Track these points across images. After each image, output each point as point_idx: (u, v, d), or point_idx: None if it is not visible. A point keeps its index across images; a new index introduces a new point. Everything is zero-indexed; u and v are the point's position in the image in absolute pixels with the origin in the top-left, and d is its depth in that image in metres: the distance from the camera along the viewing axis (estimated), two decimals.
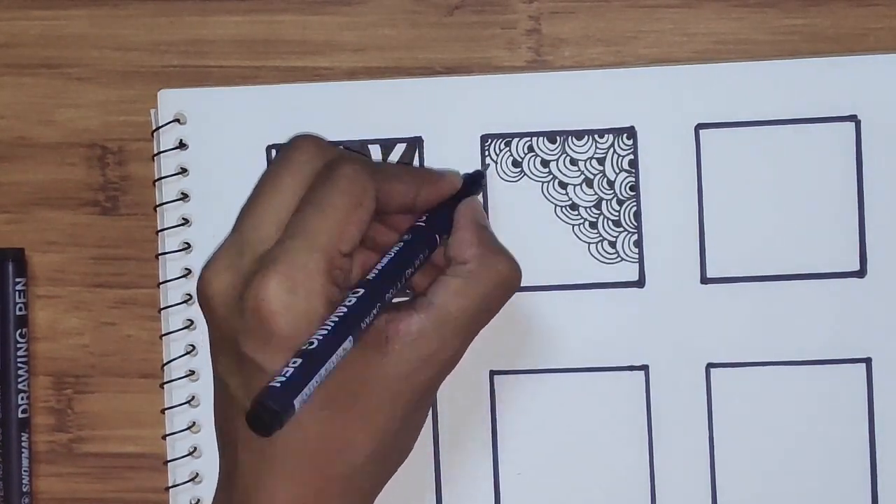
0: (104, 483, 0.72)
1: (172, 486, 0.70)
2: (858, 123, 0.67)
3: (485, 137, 0.69)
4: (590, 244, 0.69)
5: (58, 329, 0.72)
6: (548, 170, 0.69)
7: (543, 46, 0.69)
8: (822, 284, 0.68)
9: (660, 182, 0.68)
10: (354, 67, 0.70)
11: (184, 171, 0.70)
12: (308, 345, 0.56)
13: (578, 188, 0.69)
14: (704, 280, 0.68)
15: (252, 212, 0.61)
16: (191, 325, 0.70)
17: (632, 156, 0.68)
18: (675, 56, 0.69)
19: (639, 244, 0.68)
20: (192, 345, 0.70)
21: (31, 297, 0.71)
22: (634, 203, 0.68)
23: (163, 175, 0.70)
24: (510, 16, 0.69)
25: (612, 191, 0.68)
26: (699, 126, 0.68)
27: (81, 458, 0.72)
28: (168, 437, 0.70)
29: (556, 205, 0.68)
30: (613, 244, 0.68)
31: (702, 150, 0.68)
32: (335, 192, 0.60)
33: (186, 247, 0.70)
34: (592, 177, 0.68)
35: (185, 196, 0.70)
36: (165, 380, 0.70)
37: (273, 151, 0.70)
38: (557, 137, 0.68)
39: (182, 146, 0.70)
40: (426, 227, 0.63)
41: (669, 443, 0.68)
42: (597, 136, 0.68)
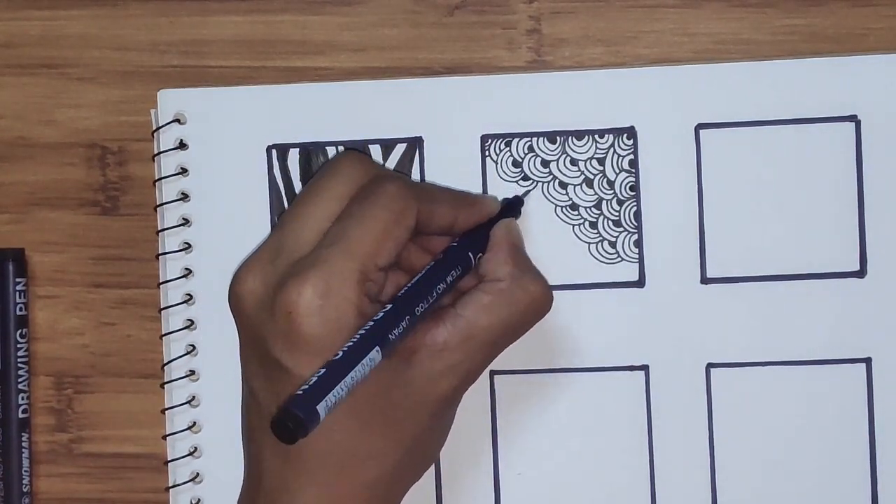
0: (104, 483, 0.72)
1: (172, 486, 0.70)
2: (858, 123, 0.67)
3: (485, 137, 0.69)
4: (590, 244, 0.69)
5: (58, 329, 0.72)
6: (548, 170, 0.69)
7: (543, 46, 0.69)
8: (822, 284, 0.68)
9: (660, 182, 0.68)
10: (354, 67, 0.70)
11: (184, 171, 0.70)
12: (336, 355, 0.56)
13: (578, 188, 0.69)
14: (704, 280, 0.68)
15: (292, 218, 0.62)
16: (191, 325, 0.70)
17: (632, 156, 0.68)
18: (675, 56, 0.69)
19: (639, 244, 0.68)
20: (193, 345, 0.70)
21: (32, 297, 0.71)
22: (634, 203, 0.68)
23: (163, 175, 0.70)
24: (510, 16, 0.69)
25: (613, 191, 0.68)
26: (699, 126, 0.68)
27: (81, 458, 0.72)
28: (168, 437, 0.70)
29: (556, 205, 0.69)
30: (613, 244, 0.68)
31: (702, 150, 0.68)
32: (377, 207, 0.60)
33: (186, 247, 0.70)
34: (592, 177, 0.69)
35: (185, 196, 0.70)
36: (165, 380, 0.70)
37: (273, 151, 0.70)
38: (557, 137, 0.68)
39: (182, 146, 0.70)
40: (462, 247, 0.63)
41: (669, 443, 0.68)
42: (597, 137, 0.68)
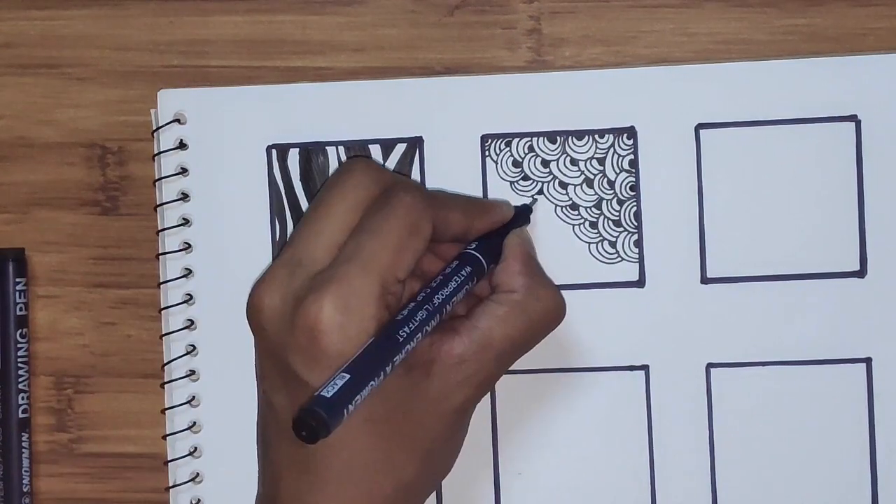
0: (104, 483, 0.72)
1: (172, 486, 0.70)
2: (858, 123, 0.67)
3: (485, 137, 0.69)
4: (590, 244, 0.69)
5: (58, 329, 0.72)
6: (548, 170, 0.69)
7: (543, 46, 0.69)
8: (822, 284, 0.68)
9: (660, 182, 0.68)
10: (354, 67, 0.70)
11: (184, 171, 0.70)
12: (356, 358, 0.57)
13: (579, 188, 0.69)
14: (704, 280, 0.68)
15: (306, 232, 0.62)
16: (191, 326, 0.70)
17: (632, 156, 0.68)
18: (675, 56, 0.69)
19: (639, 244, 0.68)
20: (193, 345, 0.70)
21: (32, 297, 0.71)
22: (634, 203, 0.68)
23: (163, 175, 0.70)
24: (510, 16, 0.69)
25: (613, 191, 0.68)
26: (699, 126, 0.68)
27: (81, 458, 0.72)
28: (168, 437, 0.70)
29: (557, 205, 0.69)
30: (613, 244, 0.68)
31: (702, 150, 0.68)
32: (392, 219, 0.60)
33: (186, 247, 0.70)
34: (593, 177, 0.69)
35: (185, 196, 0.70)
36: (165, 380, 0.70)
37: (273, 151, 0.70)
38: (558, 137, 0.68)
39: (182, 146, 0.70)
40: (475, 255, 0.63)
41: (669, 443, 0.68)
42: (597, 136, 0.68)
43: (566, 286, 0.67)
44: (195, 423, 0.70)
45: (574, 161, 0.68)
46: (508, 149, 0.69)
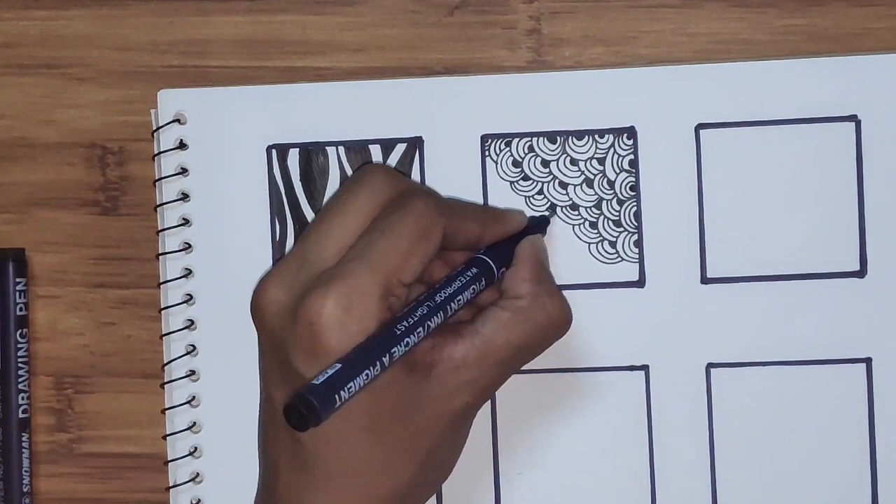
0: (104, 483, 0.72)
1: (172, 487, 0.70)
2: (858, 123, 0.67)
3: (485, 137, 0.69)
4: (590, 244, 0.69)
5: (58, 329, 0.72)
6: (548, 170, 0.69)
7: (543, 46, 0.69)
8: (822, 284, 0.68)
9: (660, 182, 0.68)
10: (354, 67, 0.70)
11: (184, 171, 0.70)
12: (353, 350, 0.57)
13: (579, 188, 0.69)
14: (704, 280, 0.68)
15: (317, 231, 0.62)
16: (191, 326, 0.70)
17: (632, 156, 0.68)
18: (675, 56, 0.69)
19: (639, 244, 0.68)
20: (193, 345, 0.70)
21: (32, 297, 0.71)
22: (634, 203, 0.68)
23: (163, 175, 0.70)
24: (510, 16, 0.69)
25: (613, 191, 0.68)
26: (699, 126, 0.68)
27: (81, 458, 0.72)
28: (168, 437, 0.70)
29: (557, 205, 0.68)
30: (613, 244, 0.68)
31: (702, 150, 0.68)
32: (403, 222, 0.60)
33: (186, 247, 0.70)
34: (593, 177, 0.69)
35: (185, 196, 0.70)
36: (165, 380, 0.70)
37: (273, 151, 0.70)
38: (558, 137, 0.68)
39: (182, 146, 0.70)
40: (485, 260, 0.63)
41: (669, 443, 0.68)
42: (597, 136, 0.68)
43: (566, 286, 0.68)
44: (195, 423, 0.70)
45: (574, 161, 0.68)
46: (508, 149, 0.69)
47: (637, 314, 0.68)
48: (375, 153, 0.69)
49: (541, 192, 0.69)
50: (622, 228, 0.68)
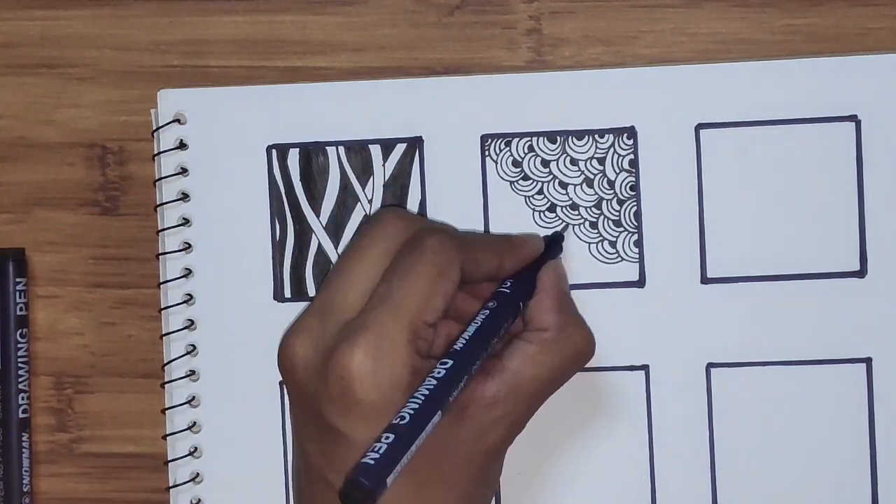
0: (104, 483, 0.72)
1: (172, 487, 0.70)
2: (858, 123, 0.67)
3: (485, 137, 0.69)
4: (590, 244, 0.69)
5: (58, 329, 0.72)
6: (548, 170, 0.69)
7: (543, 46, 0.69)
8: (822, 284, 0.68)
9: (660, 182, 0.68)
10: (354, 67, 0.70)
11: (184, 171, 0.70)
12: (400, 419, 0.56)
13: (579, 188, 0.69)
14: (704, 280, 0.68)
15: (337, 280, 0.61)
16: (191, 326, 0.70)
17: (632, 156, 0.68)
18: (675, 56, 0.69)
19: (639, 244, 0.68)
20: (192, 345, 0.70)
21: (32, 297, 0.71)
22: (635, 203, 0.68)
23: (163, 175, 0.70)
24: (510, 16, 0.69)
25: (613, 191, 0.68)
26: (699, 126, 0.68)
27: (81, 458, 0.72)
28: (168, 437, 0.70)
29: (557, 205, 0.68)
30: (613, 244, 0.68)
31: (702, 150, 0.68)
32: (421, 263, 0.60)
33: (186, 247, 0.70)
34: (593, 177, 0.69)
35: (185, 196, 0.70)
36: (165, 380, 0.70)
37: (273, 151, 0.70)
38: (558, 137, 0.68)
39: (182, 146, 0.70)
40: (510, 294, 0.63)
41: (669, 443, 0.68)
42: (597, 136, 0.68)
43: None
44: (195, 423, 0.70)
45: (574, 161, 0.68)
46: (508, 149, 0.69)
47: (637, 314, 0.68)
48: (375, 153, 0.69)
49: (541, 192, 0.69)
50: (622, 228, 0.68)
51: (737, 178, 0.68)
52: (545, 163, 0.69)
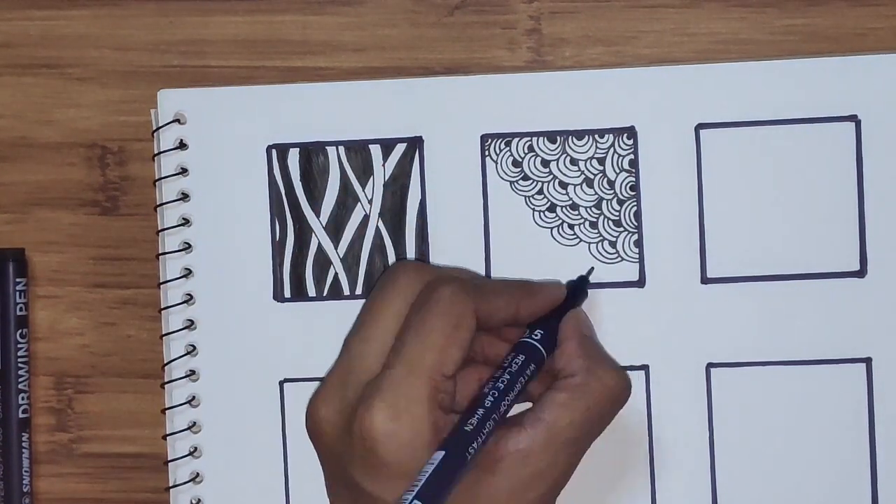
0: (104, 483, 0.72)
1: (172, 487, 0.70)
2: (858, 123, 0.67)
3: (485, 137, 0.69)
4: (590, 244, 0.69)
5: (58, 329, 0.72)
6: (548, 170, 0.69)
7: (543, 46, 0.69)
8: (822, 284, 0.68)
9: (660, 182, 0.68)
10: (354, 67, 0.70)
11: (184, 171, 0.70)
12: (422, 476, 0.57)
13: (579, 188, 0.69)
14: (704, 280, 0.68)
15: (356, 341, 0.62)
16: (191, 326, 0.70)
17: (632, 156, 0.68)
18: (675, 56, 0.69)
19: (639, 244, 0.68)
20: (192, 345, 0.70)
21: (32, 297, 0.71)
22: (635, 203, 0.68)
23: (163, 175, 0.70)
24: (510, 16, 0.69)
25: (613, 191, 0.68)
26: (699, 126, 0.68)
27: (81, 458, 0.72)
28: (168, 437, 0.70)
29: (557, 204, 0.68)
30: (614, 244, 0.68)
31: (702, 150, 0.68)
32: (433, 316, 0.60)
33: (186, 247, 0.70)
34: (593, 177, 0.69)
35: (185, 196, 0.70)
36: (165, 380, 0.70)
37: (273, 151, 0.70)
38: (558, 137, 0.68)
39: (182, 146, 0.70)
40: (532, 344, 0.63)
41: (669, 443, 0.68)
42: (597, 136, 0.68)
43: None
44: (195, 423, 0.70)
45: (574, 161, 0.68)
46: (508, 148, 0.69)
47: (637, 314, 0.68)
48: (375, 153, 0.69)
49: (541, 192, 0.69)
50: (622, 228, 0.68)
51: (737, 178, 0.68)
52: (545, 163, 0.69)
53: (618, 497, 0.69)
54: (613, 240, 0.68)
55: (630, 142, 0.68)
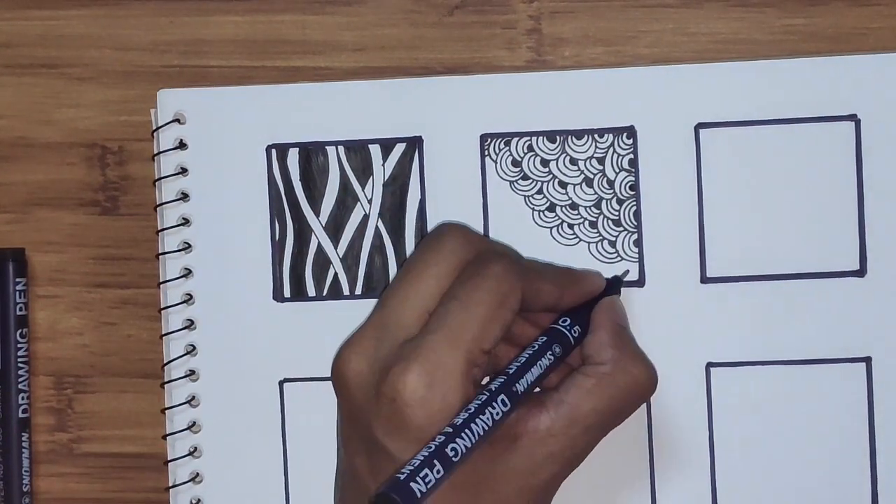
0: (104, 483, 0.72)
1: (172, 486, 0.70)
2: (858, 123, 0.67)
3: (485, 137, 0.69)
4: (590, 244, 0.69)
5: (58, 329, 0.72)
6: (548, 169, 0.69)
7: (543, 46, 0.69)
8: (822, 284, 0.68)
9: (660, 182, 0.68)
10: (354, 67, 0.70)
11: (184, 171, 0.70)
12: (439, 438, 0.56)
13: (578, 188, 0.69)
14: (704, 280, 0.68)
15: (395, 297, 0.61)
16: (191, 326, 0.70)
17: (632, 155, 0.68)
18: (675, 56, 0.69)
19: (639, 244, 0.68)
20: (192, 345, 0.70)
21: (32, 297, 0.71)
22: (634, 203, 0.68)
23: (163, 175, 0.70)
24: (510, 16, 0.69)
25: (612, 190, 0.68)
26: (699, 126, 0.68)
27: (81, 458, 0.72)
28: (168, 437, 0.70)
29: (556, 204, 0.68)
30: (613, 244, 0.68)
31: (702, 150, 0.68)
32: (482, 290, 0.59)
33: (186, 247, 0.70)
34: (592, 176, 0.68)
35: (185, 196, 0.70)
36: (165, 380, 0.70)
37: (273, 151, 0.70)
38: (557, 137, 0.68)
39: (182, 146, 0.70)
40: (565, 328, 0.63)
41: (669, 443, 0.68)
42: (597, 136, 0.68)
43: None
44: (195, 423, 0.70)
45: (574, 160, 0.68)
46: (508, 148, 0.69)
47: (637, 314, 0.68)
48: (375, 153, 0.69)
49: (540, 192, 0.69)
50: (622, 228, 0.68)
51: (736, 178, 0.68)
52: (545, 162, 0.69)
53: (618, 497, 0.69)
54: (613, 239, 0.68)
55: (629, 141, 0.68)
